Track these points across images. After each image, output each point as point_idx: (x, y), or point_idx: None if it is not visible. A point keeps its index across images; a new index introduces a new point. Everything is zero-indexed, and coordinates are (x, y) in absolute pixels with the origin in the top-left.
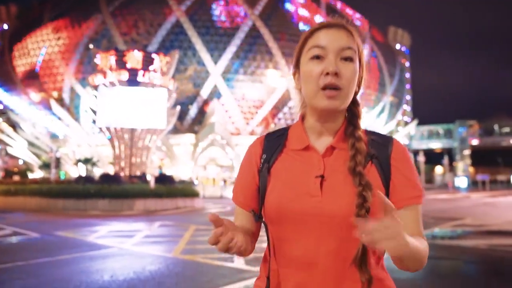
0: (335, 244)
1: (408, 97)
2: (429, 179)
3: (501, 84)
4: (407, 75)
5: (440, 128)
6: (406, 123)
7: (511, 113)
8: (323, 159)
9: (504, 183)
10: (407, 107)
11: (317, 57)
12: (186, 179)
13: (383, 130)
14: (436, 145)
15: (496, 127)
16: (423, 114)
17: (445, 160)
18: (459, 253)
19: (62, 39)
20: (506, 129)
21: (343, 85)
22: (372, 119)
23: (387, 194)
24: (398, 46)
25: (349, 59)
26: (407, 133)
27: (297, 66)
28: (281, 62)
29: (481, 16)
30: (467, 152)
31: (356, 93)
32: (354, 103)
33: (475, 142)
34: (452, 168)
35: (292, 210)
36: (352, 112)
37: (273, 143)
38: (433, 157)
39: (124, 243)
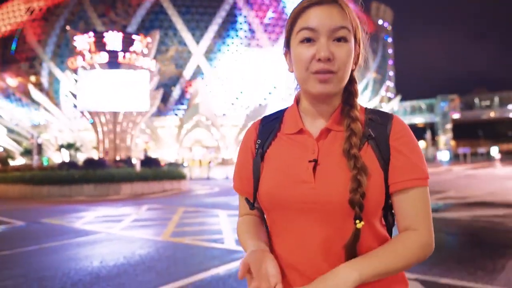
0: (329, 231)
1: (391, 73)
2: None
3: (481, 59)
4: (390, 51)
5: (422, 103)
6: (390, 99)
7: (490, 86)
8: (318, 142)
9: (484, 155)
10: (390, 83)
11: (308, 40)
12: (175, 162)
13: (367, 106)
14: (419, 120)
15: (476, 100)
16: (406, 90)
17: (428, 134)
18: (443, 225)
19: (37, 20)
20: (486, 103)
21: (337, 68)
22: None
23: (386, 177)
24: (380, 22)
25: (343, 40)
26: (390, 109)
27: (287, 46)
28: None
29: None
30: (449, 126)
31: (352, 71)
32: (351, 81)
33: (456, 116)
34: (434, 142)
35: (284, 197)
36: (349, 91)
37: (268, 127)
38: (416, 132)
39: (112, 228)
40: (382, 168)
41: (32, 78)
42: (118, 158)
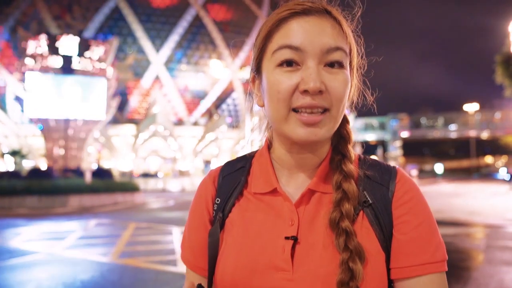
0: None
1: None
2: None
3: (428, 79)
4: None
5: (375, 121)
6: None
7: (436, 107)
8: (297, 209)
9: (429, 172)
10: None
11: (289, 63)
12: (151, 173)
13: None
14: (371, 137)
15: (423, 120)
16: (361, 107)
17: (379, 151)
18: None
19: None
20: (432, 123)
21: (330, 104)
22: None
23: (388, 260)
24: None
25: (337, 65)
26: None
27: (257, 70)
28: (224, 52)
29: (413, 17)
30: (398, 143)
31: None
32: (342, 121)
33: (405, 134)
34: (385, 159)
35: None
36: (340, 134)
37: (231, 181)
38: (369, 149)
39: (54, 247)
40: (382, 248)
41: None
42: (68, 167)
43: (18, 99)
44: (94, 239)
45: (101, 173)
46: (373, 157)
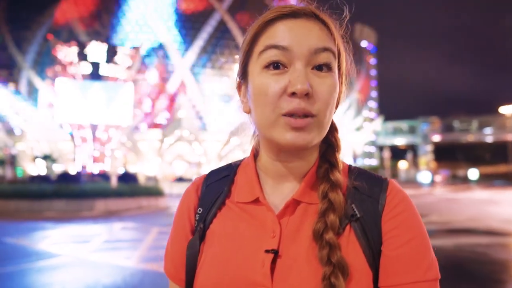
0: None
1: (374, 94)
2: (394, 174)
3: (460, 81)
4: (373, 72)
5: (404, 124)
6: (372, 120)
7: (469, 109)
8: (280, 220)
9: (463, 178)
10: (373, 104)
11: (276, 65)
12: (185, 177)
13: (350, 126)
14: (400, 141)
15: (456, 124)
16: (389, 110)
17: (409, 155)
18: None
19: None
20: (465, 126)
21: (317, 109)
22: (340, 115)
23: (376, 277)
24: (364, 44)
25: (326, 67)
26: (373, 129)
27: (243, 75)
28: None
29: (444, 16)
30: (429, 148)
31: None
32: (330, 129)
33: (436, 138)
34: (415, 164)
35: None
36: (328, 142)
37: (214, 190)
38: (398, 153)
39: (79, 250)
40: (370, 265)
41: (11, 86)
42: (96, 171)
43: (49, 105)
44: (118, 243)
45: (127, 177)
46: (402, 161)
